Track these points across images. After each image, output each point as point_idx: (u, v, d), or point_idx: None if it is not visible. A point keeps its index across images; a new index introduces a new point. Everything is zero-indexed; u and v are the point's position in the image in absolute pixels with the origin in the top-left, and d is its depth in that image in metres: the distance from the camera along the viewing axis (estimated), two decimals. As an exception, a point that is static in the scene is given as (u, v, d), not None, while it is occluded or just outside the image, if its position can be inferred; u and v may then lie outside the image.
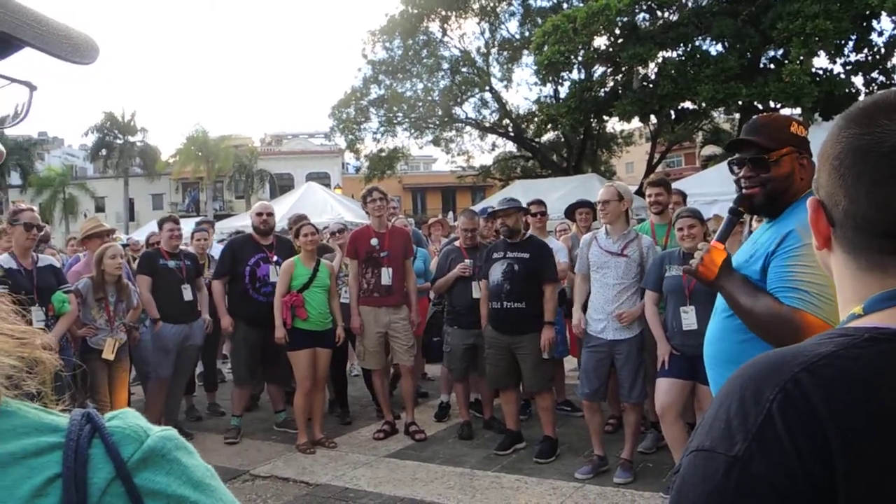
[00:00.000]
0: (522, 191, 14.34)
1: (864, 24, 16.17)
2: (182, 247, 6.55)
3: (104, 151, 40.36)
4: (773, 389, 0.68)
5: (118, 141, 40.32)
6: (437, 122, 25.25)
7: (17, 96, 0.55)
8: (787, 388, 0.68)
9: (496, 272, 5.46)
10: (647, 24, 17.96)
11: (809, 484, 0.64)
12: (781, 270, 2.05)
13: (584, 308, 5.08)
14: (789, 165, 2.14)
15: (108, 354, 5.16)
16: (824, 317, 1.93)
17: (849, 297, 0.82)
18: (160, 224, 6.67)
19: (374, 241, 6.00)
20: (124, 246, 8.11)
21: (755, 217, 2.72)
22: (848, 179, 0.78)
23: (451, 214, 24.90)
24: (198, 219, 12.77)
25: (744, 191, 2.22)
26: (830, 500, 0.64)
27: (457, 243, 6.29)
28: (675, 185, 7.18)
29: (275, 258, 6.22)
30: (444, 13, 23.52)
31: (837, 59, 16.81)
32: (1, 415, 0.48)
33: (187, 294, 6.16)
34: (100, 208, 40.20)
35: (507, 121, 25.29)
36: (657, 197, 5.47)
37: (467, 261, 5.92)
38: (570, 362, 7.03)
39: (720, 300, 2.27)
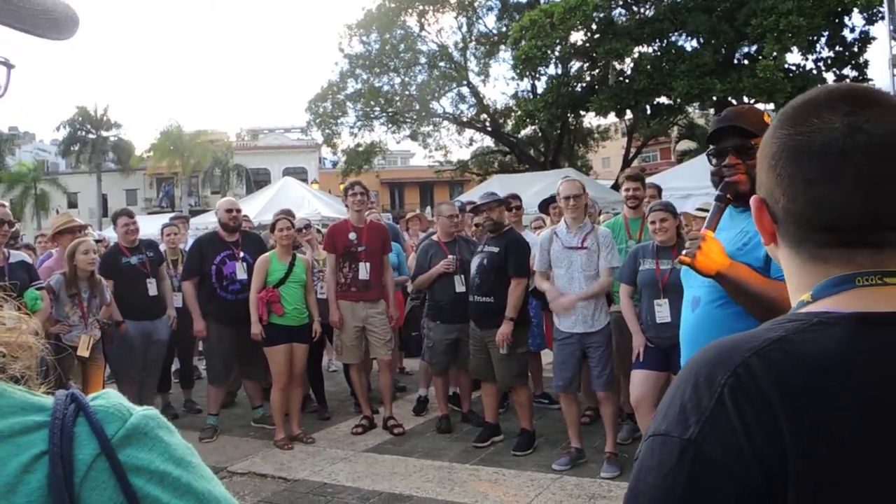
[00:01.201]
0: (500, 185, 14.36)
1: (837, 20, 16.40)
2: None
3: (77, 146, 39.81)
4: (725, 374, 0.70)
5: (91, 136, 39.80)
6: (415, 117, 25.23)
7: None
8: (737, 373, 0.70)
9: (473, 266, 5.53)
10: (624, 19, 18.09)
11: (760, 466, 0.66)
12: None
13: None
14: None
15: (83, 351, 5.10)
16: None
17: (796, 287, 0.85)
18: (114, 219, 6.47)
19: (351, 236, 6.00)
20: (97, 242, 7.99)
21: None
22: (784, 179, 0.80)
23: (428, 209, 24.92)
24: (172, 214, 12.67)
25: (727, 178, 2.23)
26: (781, 481, 0.66)
27: (434, 237, 6.29)
28: (650, 180, 7.25)
29: (241, 254, 6.15)
30: (421, 7, 23.50)
31: (810, 55, 17.05)
32: None
33: (152, 289, 6.10)
34: (72, 204, 39.60)
35: (484, 115, 25.33)
36: (634, 192, 5.52)
37: (450, 256, 5.91)
38: (547, 355, 7.07)
39: (700, 291, 2.29)
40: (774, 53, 14.87)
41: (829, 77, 17.42)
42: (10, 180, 37.14)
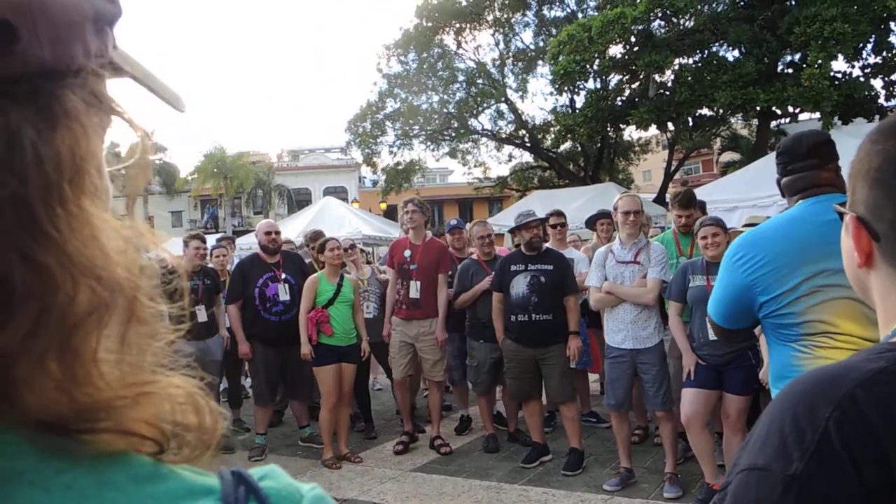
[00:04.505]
0: (540, 201, 14.31)
1: (883, 26, 16.04)
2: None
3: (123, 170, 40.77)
4: (829, 407, 0.68)
5: (137, 159, 40.71)
6: (454, 134, 25.26)
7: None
8: (843, 406, 0.68)
9: (519, 285, 5.44)
10: (663, 31, 17.91)
11: (870, 501, 0.64)
12: None
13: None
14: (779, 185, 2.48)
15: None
16: (713, 319, 2.38)
17: (893, 311, 0.81)
18: (186, 241, 6.63)
19: (406, 253, 6.03)
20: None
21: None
22: (894, 190, 0.77)
23: (468, 226, 24.88)
24: (218, 235, 12.88)
25: None
26: None
27: (474, 256, 6.29)
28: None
29: (283, 276, 6.21)
30: (458, 25, 23.59)
31: (856, 62, 16.67)
32: (157, 479, 0.46)
33: (201, 315, 6.16)
34: (120, 226, 40.44)
35: (523, 131, 25.26)
36: (687, 219, 5.40)
37: (492, 274, 5.89)
38: (592, 374, 6.99)
39: None
40: (819, 61, 14.55)
41: (877, 84, 17.04)
42: (60, 204, 37.99)
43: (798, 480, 0.66)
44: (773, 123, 18.36)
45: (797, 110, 16.65)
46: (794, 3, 15.66)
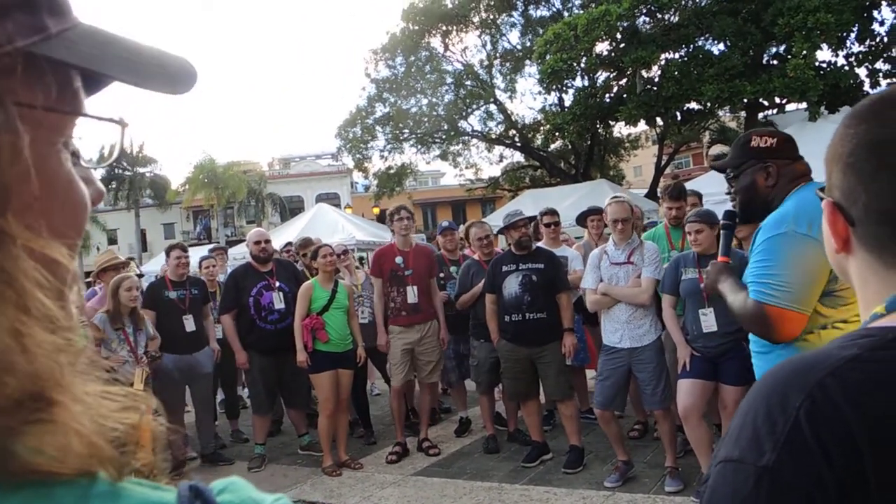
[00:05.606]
0: (532, 200, 14.32)
1: (865, 14, 16.16)
2: (192, 274, 6.58)
3: (114, 184, 40.66)
4: (800, 396, 0.68)
5: (128, 173, 40.64)
6: (444, 137, 25.28)
7: (109, 134, 0.52)
8: (813, 394, 0.67)
9: (512, 284, 5.44)
10: (648, 27, 17.98)
11: (840, 490, 0.63)
12: (749, 266, 2.28)
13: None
14: (749, 177, 2.40)
15: (138, 385, 5.17)
16: (784, 305, 2.13)
17: (871, 298, 0.80)
18: (167, 252, 6.63)
19: (398, 260, 6.02)
20: (139, 276, 8.11)
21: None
22: (865, 175, 0.77)
23: (461, 227, 24.87)
24: (210, 246, 12.84)
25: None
26: None
27: (475, 257, 6.30)
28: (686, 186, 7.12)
29: (277, 283, 6.20)
30: (444, 28, 23.63)
31: (840, 52, 16.77)
32: (108, 497, 0.43)
33: (189, 325, 6.10)
34: (112, 240, 40.38)
35: (513, 131, 25.31)
36: (677, 211, 5.45)
37: None
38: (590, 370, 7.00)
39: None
40: (804, 52, 14.63)
41: (862, 72, 17.13)
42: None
43: (769, 472, 0.66)
44: (761, 115, 18.44)
45: (784, 101, 16.75)
46: (777, -6, 15.75)
